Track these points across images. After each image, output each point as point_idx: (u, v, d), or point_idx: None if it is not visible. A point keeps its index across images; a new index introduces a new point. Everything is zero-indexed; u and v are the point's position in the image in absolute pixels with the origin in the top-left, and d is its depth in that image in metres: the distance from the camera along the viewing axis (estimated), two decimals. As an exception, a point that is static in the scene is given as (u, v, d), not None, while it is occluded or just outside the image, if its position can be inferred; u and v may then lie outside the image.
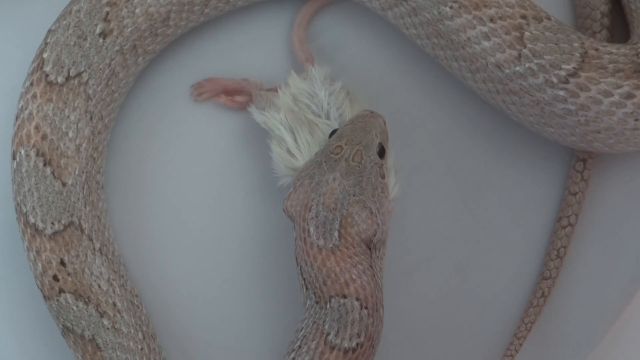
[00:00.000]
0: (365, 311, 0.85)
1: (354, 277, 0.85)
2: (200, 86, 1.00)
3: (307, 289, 0.87)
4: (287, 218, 0.89)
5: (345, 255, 0.86)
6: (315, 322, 0.86)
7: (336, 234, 0.86)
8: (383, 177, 0.89)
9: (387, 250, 0.90)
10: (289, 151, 0.93)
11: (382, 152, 0.90)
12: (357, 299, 0.85)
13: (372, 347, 0.86)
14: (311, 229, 0.87)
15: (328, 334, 0.85)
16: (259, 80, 0.99)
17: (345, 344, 0.85)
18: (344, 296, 0.85)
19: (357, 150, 0.89)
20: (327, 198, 0.87)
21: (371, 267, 0.87)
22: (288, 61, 1.02)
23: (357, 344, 0.85)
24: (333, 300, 0.85)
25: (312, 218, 0.87)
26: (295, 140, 0.93)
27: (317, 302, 0.86)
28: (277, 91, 0.96)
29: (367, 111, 0.92)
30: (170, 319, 0.96)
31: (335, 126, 0.93)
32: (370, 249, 0.87)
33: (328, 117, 0.94)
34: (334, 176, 0.88)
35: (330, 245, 0.86)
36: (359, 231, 0.87)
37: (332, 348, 0.85)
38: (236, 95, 1.00)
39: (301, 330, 0.87)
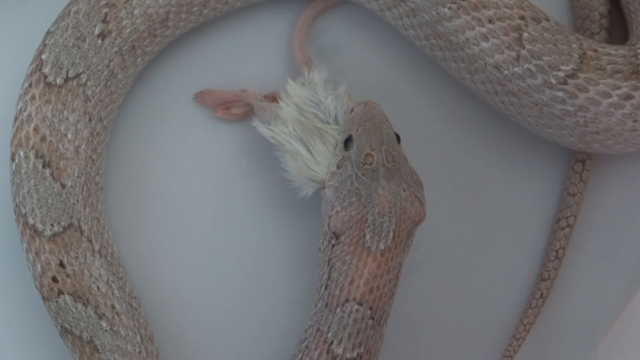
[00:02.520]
0: (371, 322, 0.85)
1: (380, 286, 0.86)
2: (201, 97, 1.00)
3: (326, 287, 0.87)
4: (327, 233, 0.89)
5: (389, 259, 0.86)
6: (319, 329, 0.86)
7: (391, 234, 0.87)
8: (406, 159, 0.90)
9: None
10: (306, 163, 0.92)
11: (398, 139, 0.91)
12: (370, 308, 0.85)
13: None
14: (367, 236, 0.87)
15: (331, 343, 0.85)
16: (258, 84, 0.99)
17: (348, 355, 0.85)
18: (360, 303, 0.85)
19: (386, 151, 0.89)
20: (381, 207, 0.87)
21: (397, 277, 0.87)
22: (287, 62, 1.02)
23: (358, 355, 0.85)
24: (347, 305, 0.85)
25: (368, 226, 0.87)
26: (309, 151, 0.93)
27: (326, 305, 0.86)
28: (277, 99, 0.95)
29: (361, 105, 0.91)
30: (169, 321, 0.96)
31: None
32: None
33: (337, 122, 0.93)
34: (381, 185, 0.88)
35: (382, 247, 0.86)
36: (409, 225, 0.88)
37: (334, 358, 0.85)
38: (233, 107, 1.00)
39: (304, 341, 0.87)
